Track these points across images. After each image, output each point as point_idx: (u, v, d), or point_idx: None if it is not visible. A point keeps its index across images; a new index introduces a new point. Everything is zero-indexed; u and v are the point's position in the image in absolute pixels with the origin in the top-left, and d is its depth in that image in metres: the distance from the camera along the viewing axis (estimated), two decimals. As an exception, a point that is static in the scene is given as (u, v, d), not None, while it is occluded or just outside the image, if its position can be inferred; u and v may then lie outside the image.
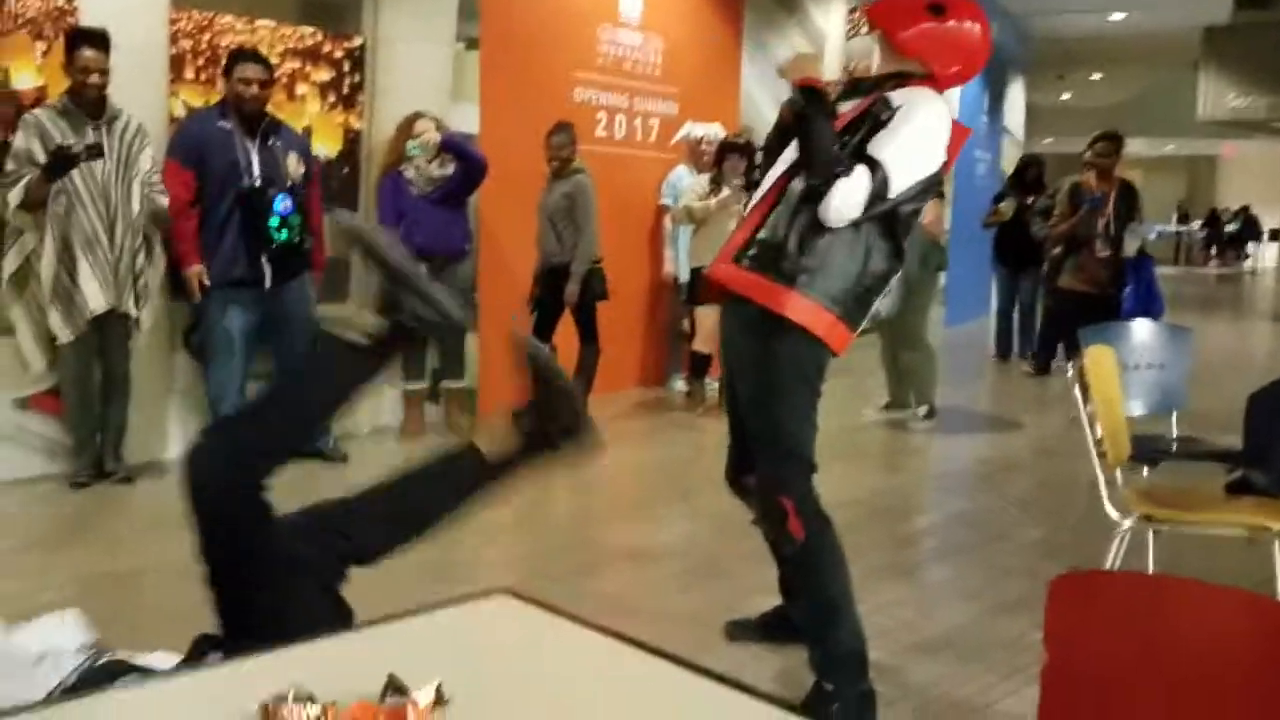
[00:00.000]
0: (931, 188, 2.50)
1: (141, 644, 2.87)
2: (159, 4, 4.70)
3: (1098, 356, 2.86)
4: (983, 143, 13.07)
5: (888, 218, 2.45)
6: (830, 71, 9.12)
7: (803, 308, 2.44)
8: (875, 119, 2.44)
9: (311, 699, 0.88)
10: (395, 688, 0.92)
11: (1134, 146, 25.33)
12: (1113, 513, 2.77)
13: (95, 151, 4.17)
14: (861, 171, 2.36)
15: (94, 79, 4.21)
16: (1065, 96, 20.53)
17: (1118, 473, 2.90)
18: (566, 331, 6.04)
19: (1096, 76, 18.43)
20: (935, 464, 5.62)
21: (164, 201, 4.48)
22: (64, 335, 4.28)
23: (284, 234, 4.68)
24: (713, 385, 6.06)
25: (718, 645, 3.00)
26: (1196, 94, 15.42)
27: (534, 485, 2.40)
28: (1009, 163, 14.69)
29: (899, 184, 2.39)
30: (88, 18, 4.47)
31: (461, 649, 1.11)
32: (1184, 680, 0.99)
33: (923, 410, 6.30)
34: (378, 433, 5.60)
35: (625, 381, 7.19)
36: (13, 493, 4.28)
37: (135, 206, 4.38)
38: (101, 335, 4.40)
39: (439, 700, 0.93)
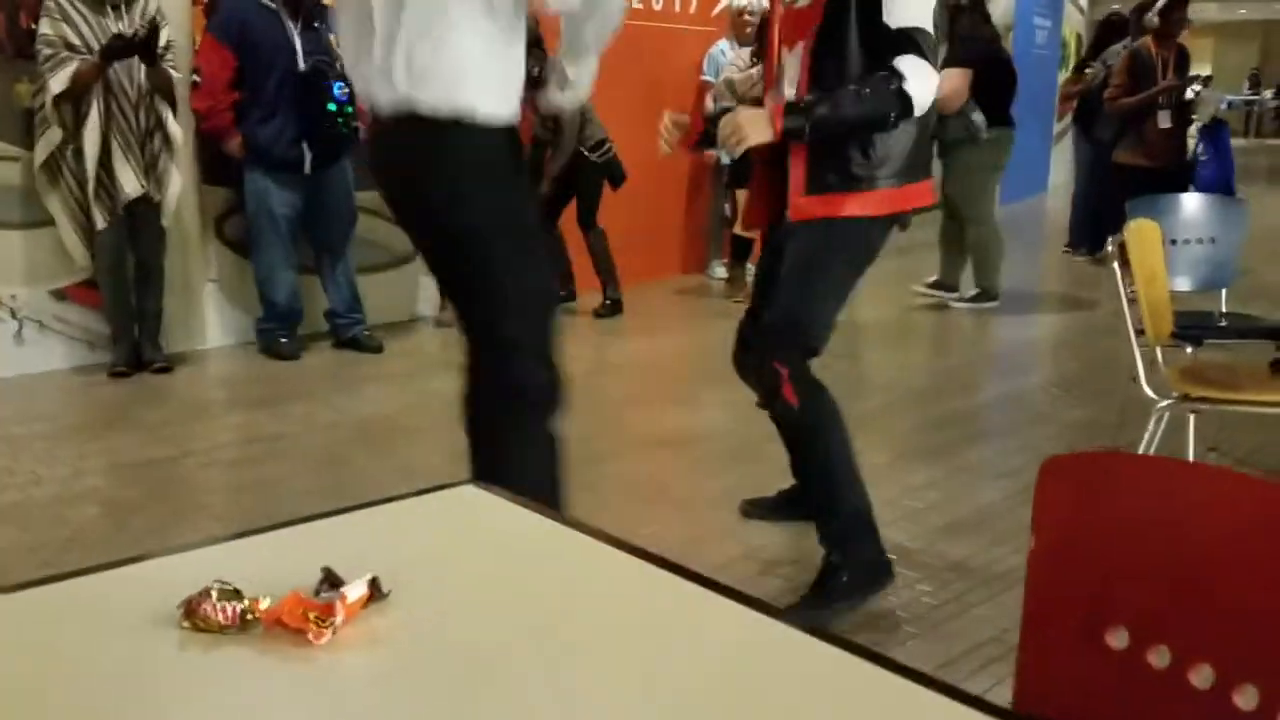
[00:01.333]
0: None
1: (176, 528, 2.94)
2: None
3: (1140, 230, 2.72)
4: (1042, 7, 12.48)
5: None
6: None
7: (879, 199, 2.38)
8: None
9: (237, 593, 0.85)
10: (331, 581, 0.89)
11: (1206, 11, 24.16)
12: (1149, 392, 2.68)
13: (154, 35, 4.13)
14: (910, 62, 2.22)
15: None
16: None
17: (1158, 352, 2.79)
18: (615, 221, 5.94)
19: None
20: (981, 345, 5.51)
21: (176, 75, 4.41)
22: (101, 222, 4.28)
23: (340, 121, 4.64)
24: (753, 270, 5.93)
25: (739, 527, 2.99)
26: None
27: (567, 368, 2.39)
28: (1071, 28, 14.07)
29: (929, 21, 2.26)
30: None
31: (412, 542, 1.08)
32: (1178, 568, 0.92)
33: (971, 292, 6.14)
34: (414, 321, 5.61)
35: (667, 268, 7.09)
36: (52, 382, 4.36)
37: (149, 84, 4.32)
38: (132, 223, 4.40)
39: (374, 594, 0.89)
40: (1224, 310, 3.46)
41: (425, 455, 3.46)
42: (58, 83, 4.08)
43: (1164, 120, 6.16)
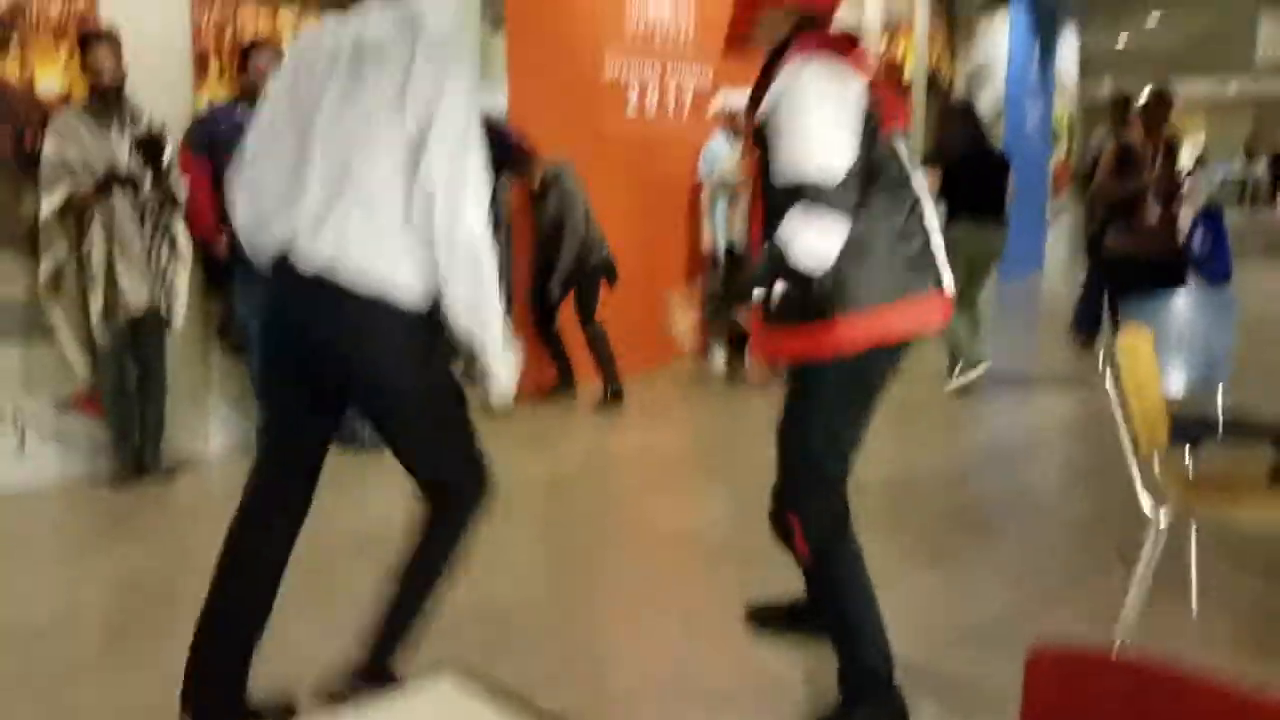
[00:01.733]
0: (877, 130, 2.28)
1: (172, 654, 2.91)
2: (180, 1, 4.69)
3: (1129, 341, 2.74)
4: (1033, 93, 12.71)
5: (865, 173, 2.25)
6: (871, 32, 8.90)
7: (861, 327, 2.29)
8: (768, 131, 2.28)
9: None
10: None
11: (1196, 88, 24.56)
12: (1146, 504, 2.66)
13: (152, 153, 4.25)
14: (790, 221, 2.20)
15: (107, 77, 4.23)
16: (1122, 39, 19.87)
17: (1155, 459, 2.79)
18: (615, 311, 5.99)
19: (1154, 18, 17.79)
20: (982, 434, 5.50)
21: (181, 194, 4.49)
22: (104, 335, 4.32)
23: None
24: (719, 355, 5.96)
25: (744, 640, 2.96)
26: (1256, 36, 14.83)
27: (567, 462, 2.42)
28: (1063, 110, 14.30)
29: (830, 161, 2.18)
30: (108, 14, 4.48)
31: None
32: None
33: (957, 375, 6.19)
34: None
35: (667, 355, 7.12)
36: (53, 492, 4.36)
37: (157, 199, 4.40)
38: (136, 334, 4.44)
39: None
40: (1221, 408, 3.46)
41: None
42: (48, 204, 4.17)
43: (1153, 210, 6.22)
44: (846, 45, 2.36)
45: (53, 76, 4.42)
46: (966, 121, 6.29)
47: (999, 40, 11.41)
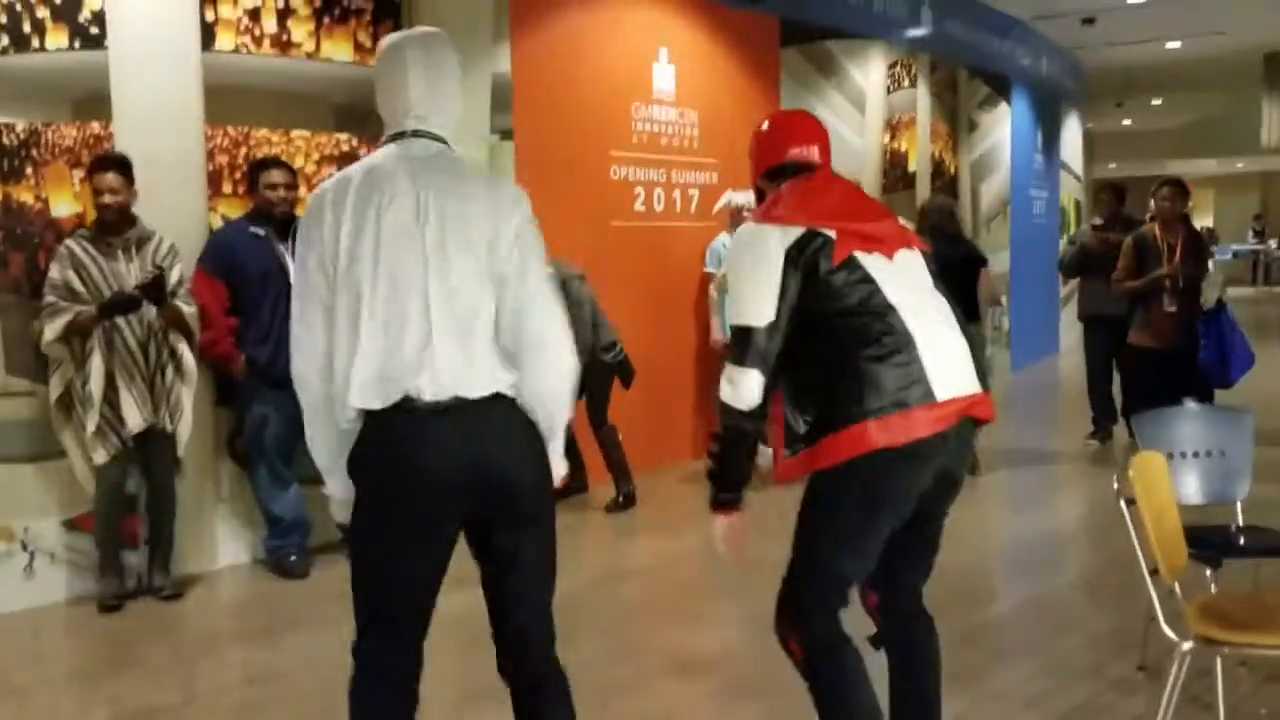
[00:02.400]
0: (835, 274, 2.39)
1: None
2: (194, 121, 4.79)
3: (1145, 465, 2.70)
4: (1038, 180, 12.82)
5: (805, 314, 2.40)
6: (873, 128, 9.02)
7: (845, 444, 2.35)
8: None
9: None
10: None
11: (1204, 166, 24.75)
12: (1170, 634, 2.60)
13: (154, 295, 4.29)
14: (726, 372, 2.41)
15: (108, 199, 4.29)
16: (1126, 122, 20.10)
17: (1175, 585, 2.72)
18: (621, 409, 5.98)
19: (1157, 102, 18.02)
20: (999, 539, 5.41)
21: (189, 309, 4.51)
22: (99, 456, 4.30)
23: None
24: (768, 454, 5.89)
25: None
26: (1261, 120, 14.98)
27: (578, 575, 2.38)
28: (1069, 195, 14.41)
29: (754, 315, 2.38)
30: (124, 140, 4.57)
31: None
32: None
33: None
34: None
35: (679, 454, 7.10)
36: (60, 615, 4.32)
37: (160, 321, 4.43)
38: (143, 453, 4.45)
39: None
40: (1240, 523, 3.40)
41: (424, 689, 3.36)
42: (51, 330, 4.20)
43: (1168, 303, 6.21)
44: (806, 192, 2.52)
45: (67, 201, 4.49)
46: (942, 220, 6.34)
47: (1001, 129, 11.55)
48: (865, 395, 2.32)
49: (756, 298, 2.38)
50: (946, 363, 2.40)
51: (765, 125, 2.73)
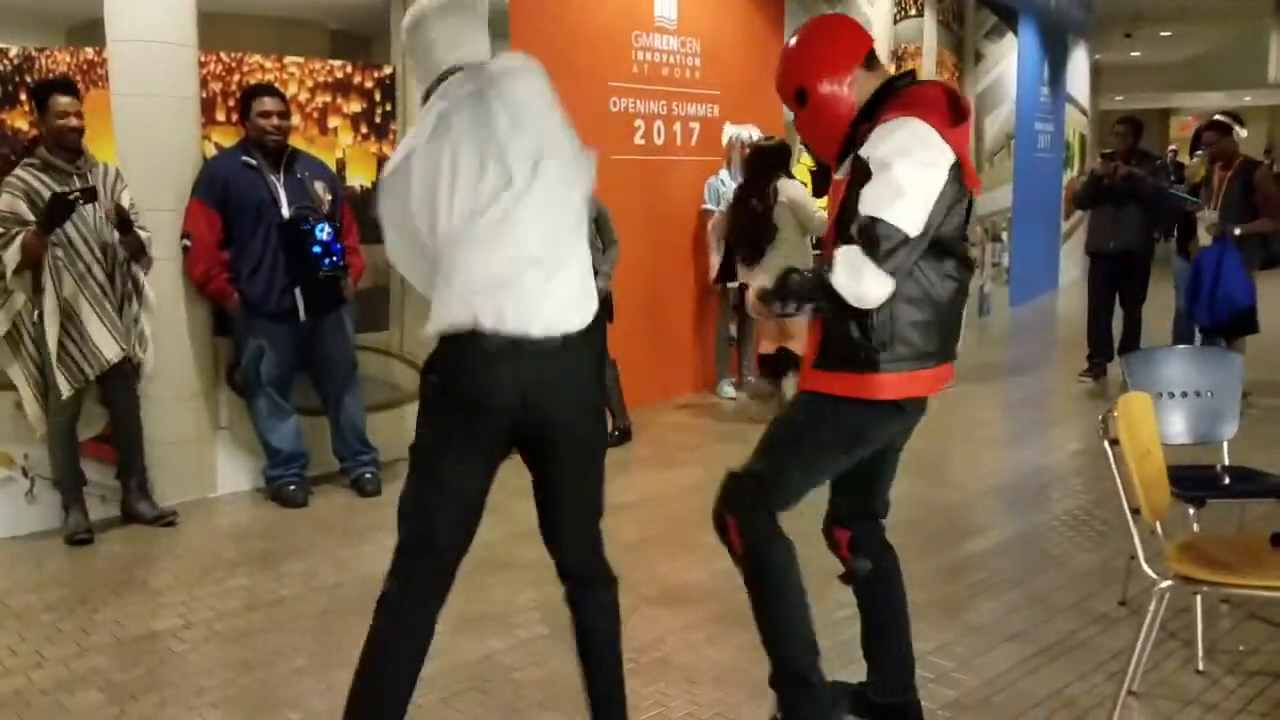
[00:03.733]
0: (956, 203, 2.37)
1: (177, 710, 2.93)
2: (187, 48, 4.73)
3: (1130, 405, 2.72)
4: (1043, 113, 12.68)
5: (933, 247, 2.37)
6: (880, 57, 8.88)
7: (891, 384, 2.41)
8: (860, 172, 2.35)
9: None
10: None
11: (1211, 100, 24.45)
12: (1149, 572, 2.64)
13: (90, 194, 4.14)
14: (845, 252, 2.30)
15: (73, 122, 4.20)
16: (1135, 54, 19.80)
17: (1158, 526, 2.76)
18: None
19: (1167, 33, 17.73)
20: (989, 475, 5.46)
21: (145, 235, 4.43)
22: (65, 390, 4.23)
23: (328, 261, 4.71)
24: (790, 383, 5.95)
25: (746, 708, 2.94)
26: (1269, 54, 14.76)
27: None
28: (1074, 129, 14.26)
29: (910, 220, 2.27)
30: (116, 66, 4.52)
31: None
32: None
33: None
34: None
35: (678, 388, 7.14)
36: (61, 539, 4.36)
37: (124, 250, 4.38)
38: (105, 385, 4.40)
39: None
40: (1226, 464, 3.44)
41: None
42: (10, 258, 4.10)
43: None
44: (948, 114, 2.37)
45: (60, 127, 4.44)
46: None
47: (1008, 61, 11.39)
48: (917, 340, 2.40)
49: (915, 204, 2.28)
50: (958, 329, 2.53)
51: (823, 25, 2.61)
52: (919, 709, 2.75)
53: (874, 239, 2.27)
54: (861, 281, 2.29)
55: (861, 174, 2.33)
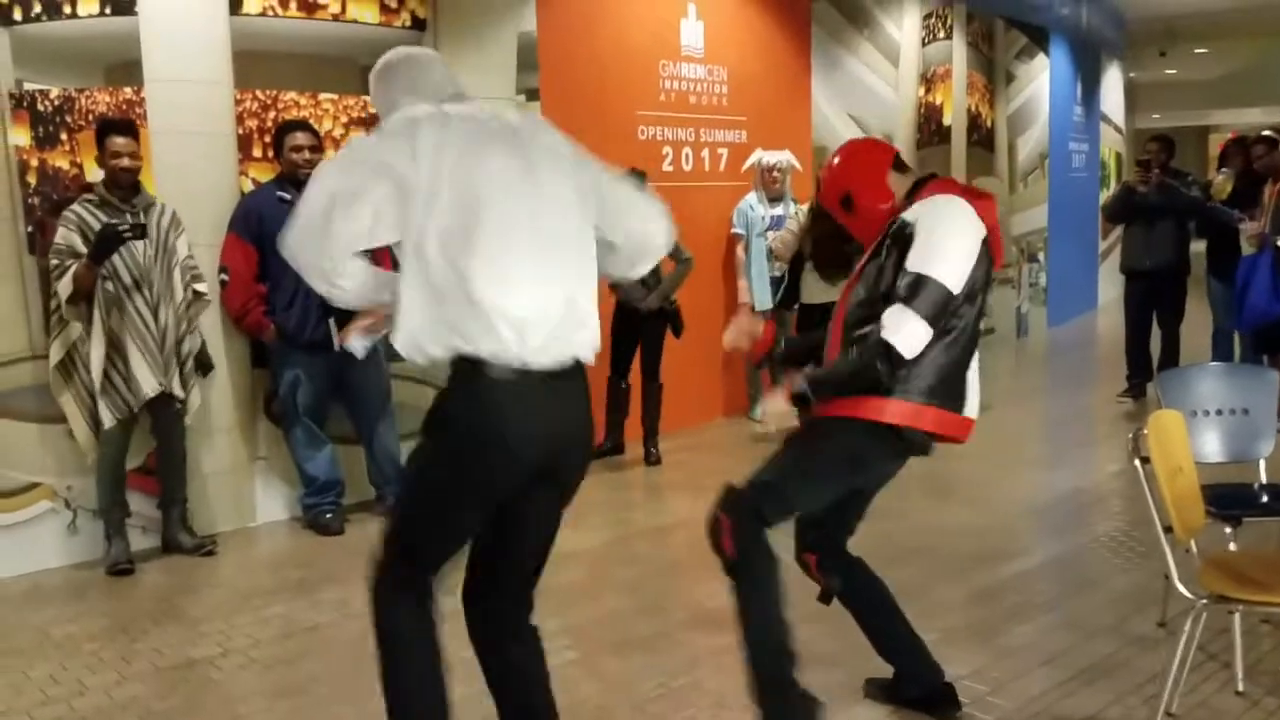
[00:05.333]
0: (984, 272, 2.59)
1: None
2: (223, 86, 4.84)
3: (1160, 422, 2.70)
4: (1078, 132, 12.60)
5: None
6: (907, 81, 8.91)
7: (897, 410, 2.55)
8: (902, 238, 2.55)
9: None
10: None
11: (1249, 116, 24.17)
12: (1184, 592, 2.61)
13: (139, 231, 4.24)
14: (891, 313, 2.48)
15: (125, 163, 4.31)
16: (1170, 72, 19.63)
17: (1193, 542, 2.73)
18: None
19: (1202, 51, 17.57)
20: (1027, 496, 5.41)
21: (202, 287, 4.59)
22: (109, 420, 4.33)
23: None
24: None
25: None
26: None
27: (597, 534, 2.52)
28: (1109, 148, 14.16)
29: (954, 278, 2.49)
30: (154, 105, 4.63)
31: None
32: None
33: None
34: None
35: (709, 413, 7.14)
36: (102, 570, 4.43)
37: (178, 291, 4.47)
38: (154, 417, 4.51)
39: None
40: (1263, 482, 3.39)
41: (454, 647, 3.45)
42: (64, 288, 4.21)
43: None
44: (978, 195, 2.65)
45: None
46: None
47: (1040, 81, 11.35)
48: (938, 380, 2.57)
49: (959, 264, 2.50)
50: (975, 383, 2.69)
51: (857, 146, 2.90)
52: (952, 690, 2.94)
53: (919, 291, 2.47)
54: (903, 330, 2.46)
55: (901, 240, 2.54)
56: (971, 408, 2.65)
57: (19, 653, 3.65)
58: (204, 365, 4.64)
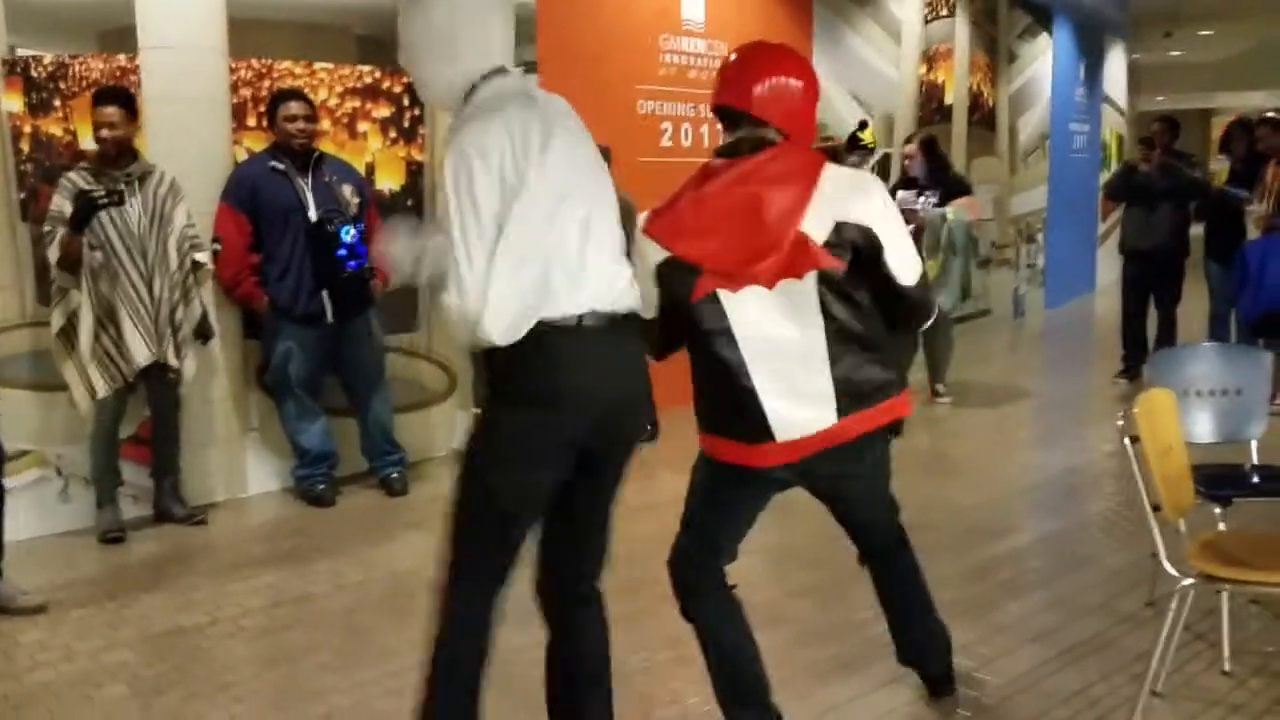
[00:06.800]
0: (668, 291, 2.44)
1: (199, 710, 2.97)
2: (218, 55, 4.80)
3: (1151, 401, 2.69)
4: (1079, 113, 12.55)
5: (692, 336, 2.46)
6: (909, 59, 8.85)
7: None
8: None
9: None
10: None
11: (1253, 99, 24.07)
12: (1171, 570, 2.61)
13: (118, 198, 4.18)
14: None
15: (106, 133, 4.26)
16: (1175, 53, 19.53)
17: (1181, 523, 2.73)
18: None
19: (1207, 32, 17.47)
20: (1020, 475, 5.41)
21: (202, 257, 4.56)
22: (101, 389, 4.31)
23: (353, 264, 4.75)
24: None
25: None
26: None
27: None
28: (1110, 130, 14.10)
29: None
30: (148, 74, 4.60)
31: None
32: None
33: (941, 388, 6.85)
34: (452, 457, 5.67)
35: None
36: (93, 538, 4.43)
37: (173, 260, 4.43)
38: (148, 386, 4.49)
39: None
40: (1255, 462, 3.39)
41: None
42: (52, 255, 4.18)
43: None
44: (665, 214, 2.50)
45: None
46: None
47: (1042, 61, 11.29)
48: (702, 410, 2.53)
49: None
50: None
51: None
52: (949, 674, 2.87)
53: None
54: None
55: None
56: (783, 429, 2.36)
57: (8, 618, 3.65)
58: (204, 334, 4.62)
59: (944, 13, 9.34)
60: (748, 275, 2.30)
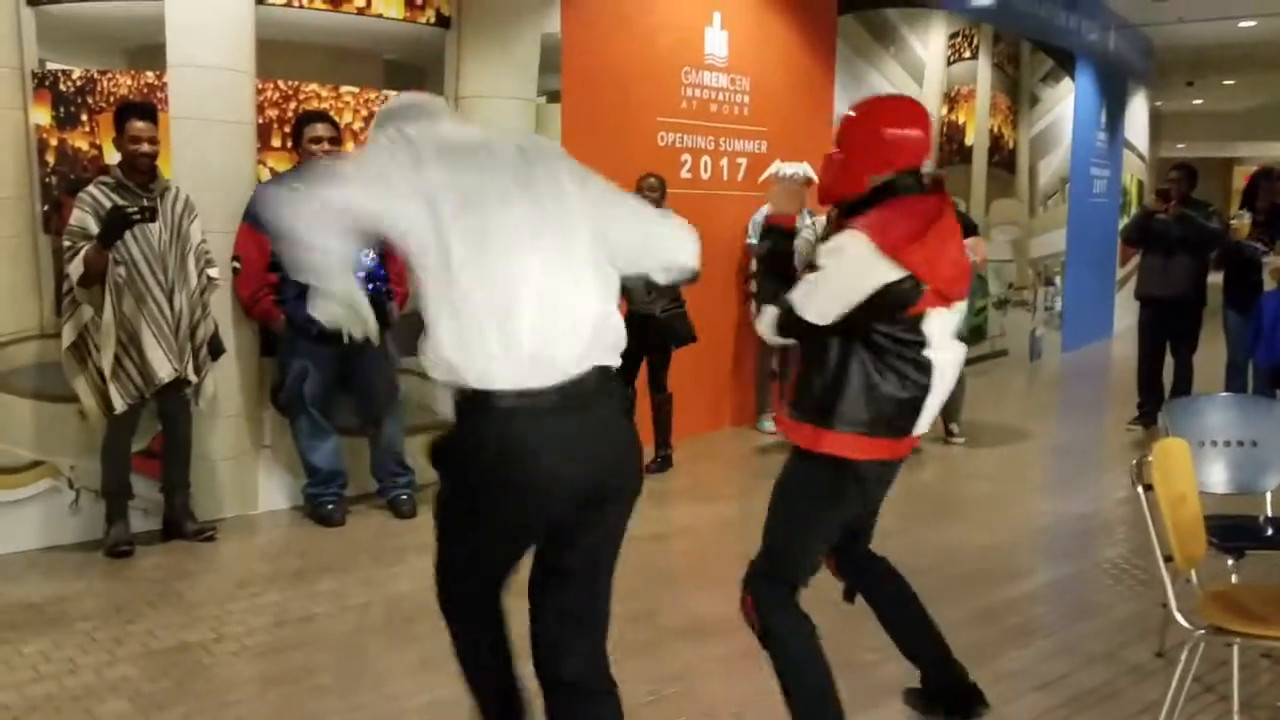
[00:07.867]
0: (887, 303, 2.49)
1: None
2: (245, 75, 4.86)
3: (1164, 450, 2.67)
4: (1100, 158, 12.55)
5: (869, 342, 2.52)
6: (931, 100, 8.88)
7: (835, 441, 2.53)
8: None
9: None
10: None
11: (1275, 150, 24.04)
12: (1182, 622, 2.58)
13: (149, 214, 4.21)
14: (768, 311, 2.62)
15: (144, 147, 4.29)
16: (1197, 102, 19.55)
17: (1193, 572, 2.70)
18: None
19: (1229, 82, 17.50)
20: (1031, 520, 5.37)
21: (214, 273, 4.57)
22: (120, 405, 4.30)
23: (371, 287, 4.77)
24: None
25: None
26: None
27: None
28: (1131, 175, 14.09)
29: (813, 312, 2.49)
30: (177, 90, 4.65)
31: None
32: None
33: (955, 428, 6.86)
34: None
35: (718, 421, 7.13)
36: (99, 553, 4.44)
37: (192, 276, 4.45)
38: (161, 400, 4.48)
39: None
40: (1269, 515, 3.36)
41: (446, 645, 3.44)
42: (75, 270, 4.19)
43: None
44: (910, 235, 2.49)
45: (120, 148, 4.58)
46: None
47: (1064, 105, 11.31)
48: (861, 409, 2.53)
49: (826, 310, 2.52)
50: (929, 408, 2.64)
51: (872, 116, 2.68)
52: (978, 692, 2.94)
53: (784, 307, 2.57)
54: (767, 325, 2.63)
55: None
56: (919, 426, 2.62)
57: (13, 628, 3.66)
58: (215, 349, 4.65)
59: (967, 54, 9.38)
60: (957, 295, 2.59)
